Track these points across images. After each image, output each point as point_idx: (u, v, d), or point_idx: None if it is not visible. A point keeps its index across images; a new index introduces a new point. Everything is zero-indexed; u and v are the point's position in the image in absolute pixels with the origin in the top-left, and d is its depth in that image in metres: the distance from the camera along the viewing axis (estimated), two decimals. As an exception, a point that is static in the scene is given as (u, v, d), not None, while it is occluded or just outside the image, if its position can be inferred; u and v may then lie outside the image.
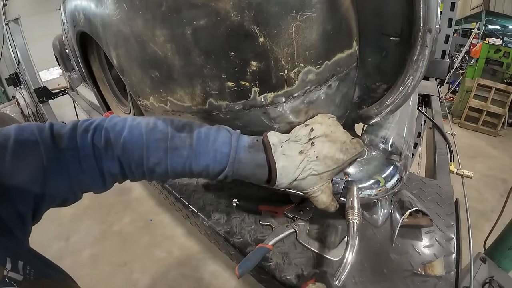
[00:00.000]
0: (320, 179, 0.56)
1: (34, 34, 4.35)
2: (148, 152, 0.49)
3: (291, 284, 0.63)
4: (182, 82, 0.59)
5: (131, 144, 0.48)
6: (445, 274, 0.61)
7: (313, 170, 0.54)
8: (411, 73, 0.60)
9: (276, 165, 0.53)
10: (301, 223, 0.76)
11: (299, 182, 0.55)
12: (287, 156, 0.54)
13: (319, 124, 0.58)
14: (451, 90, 5.43)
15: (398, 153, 0.69)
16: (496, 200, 2.84)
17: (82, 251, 2.42)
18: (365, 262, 0.66)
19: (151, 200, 2.97)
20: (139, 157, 0.49)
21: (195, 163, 0.51)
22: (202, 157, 0.51)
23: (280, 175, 0.53)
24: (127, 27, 0.59)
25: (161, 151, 0.50)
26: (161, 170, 0.51)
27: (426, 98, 1.66)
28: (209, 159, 0.51)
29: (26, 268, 0.38)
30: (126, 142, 0.48)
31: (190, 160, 0.51)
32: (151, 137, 0.50)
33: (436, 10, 0.53)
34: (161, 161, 0.50)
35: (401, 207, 0.75)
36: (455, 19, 1.71)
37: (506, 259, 1.01)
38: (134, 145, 0.49)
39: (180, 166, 0.51)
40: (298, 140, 0.56)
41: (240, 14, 0.48)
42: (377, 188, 0.65)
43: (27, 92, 4.41)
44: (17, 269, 0.37)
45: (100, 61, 1.21)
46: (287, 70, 0.54)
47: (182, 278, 2.12)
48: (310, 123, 0.59)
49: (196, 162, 0.51)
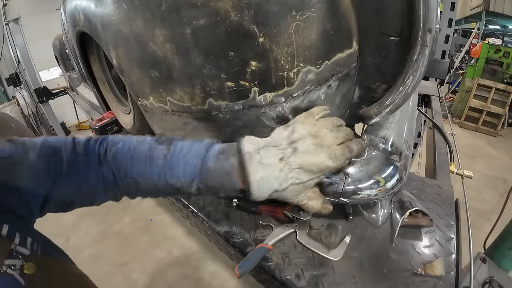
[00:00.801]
0: (305, 188, 0.50)
1: (34, 34, 4.35)
2: (132, 162, 0.50)
3: (291, 284, 0.63)
4: (181, 82, 0.59)
5: (120, 154, 0.51)
6: (445, 274, 0.61)
7: (296, 178, 0.48)
8: (411, 73, 0.60)
9: (252, 177, 0.47)
10: (301, 223, 0.76)
11: (280, 193, 0.49)
12: (264, 166, 0.47)
13: (301, 124, 0.52)
14: (451, 90, 5.43)
15: (398, 153, 0.69)
16: (496, 200, 2.84)
17: (82, 251, 2.42)
18: (365, 262, 0.66)
19: (151, 200, 2.97)
20: (126, 166, 0.50)
21: (170, 174, 0.49)
22: (175, 169, 0.49)
23: (258, 188, 0.47)
24: (126, 27, 0.59)
25: (142, 162, 0.50)
26: (143, 182, 0.51)
27: (426, 98, 1.66)
28: (180, 171, 0.49)
29: (34, 245, 0.41)
30: (117, 151, 0.51)
31: (165, 171, 0.49)
32: (138, 148, 0.51)
33: (436, 10, 0.53)
34: (142, 172, 0.50)
35: (401, 207, 0.74)
36: (455, 19, 1.70)
37: (506, 259, 1.01)
38: (123, 155, 0.50)
39: (156, 177, 0.50)
40: (278, 144, 0.49)
41: (239, 14, 0.48)
42: (377, 188, 0.65)
43: (27, 92, 4.41)
44: (25, 244, 0.40)
45: (100, 61, 1.21)
46: (287, 70, 0.54)
47: (182, 278, 2.12)
48: (291, 124, 0.53)
49: (170, 173, 0.49)
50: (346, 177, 0.64)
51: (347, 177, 0.64)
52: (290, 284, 0.63)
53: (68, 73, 2.60)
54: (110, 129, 1.30)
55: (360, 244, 0.70)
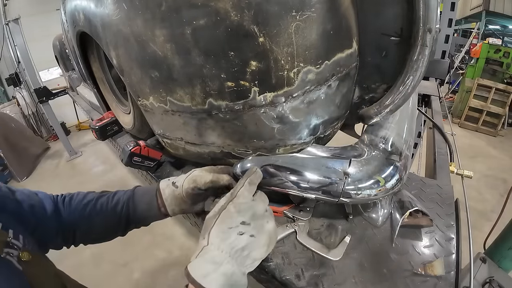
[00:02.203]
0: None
1: (34, 34, 4.35)
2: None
3: (291, 284, 0.63)
4: (181, 82, 0.59)
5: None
6: (445, 274, 0.61)
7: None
8: (411, 73, 0.60)
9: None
10: (301, 223, 0.76)
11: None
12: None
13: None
14: (451, 90, 5.43)
15: (398, 153, 0.69)
16: (496, 200, 2.84)
17: (83, 251, 2.42)
18: (365, 262, 0.66)
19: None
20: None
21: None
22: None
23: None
24: (126, 27, 0.59)
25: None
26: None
27: (426, 98, 1.66)
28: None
29: (25, 241, 0.48)
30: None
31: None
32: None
33: (436, 10, 0.53)
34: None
35: (401, 207, 0.74)
36: (455, 19, 1.70)
37: (506, 259, 1.01)
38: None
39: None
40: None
41: (239, 14, 0.48)
42: (377, 188, 0.65)
43: (27, 92, 4.41)
44: (18, 238, 0.46)
45: (100, 61, 1.21)
46: (287, 70, 0.54)
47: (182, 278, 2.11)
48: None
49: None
50: (346, 177, 0.64)
51: (347, 177, 0.64)
52: (290, 284, 0.63)
53: (68, 73, 2.60)
54: (110, 129, 1.29)
55: (360, 244, 0.70)
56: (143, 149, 0.95)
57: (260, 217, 0.51)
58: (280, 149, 0.67)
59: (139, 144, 0.94)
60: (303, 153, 0.69)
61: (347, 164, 0.65)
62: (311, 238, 0.72)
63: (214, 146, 0.70)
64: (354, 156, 0.67)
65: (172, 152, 0.88)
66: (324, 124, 0.68)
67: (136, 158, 0.94)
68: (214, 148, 0.71)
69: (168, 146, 0.85)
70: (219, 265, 0.44)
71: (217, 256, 0.45)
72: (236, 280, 0.44)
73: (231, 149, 0.70)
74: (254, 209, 0.51)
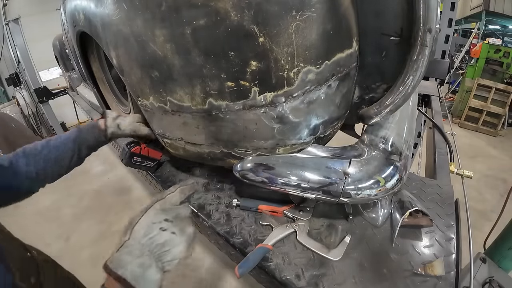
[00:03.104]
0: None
1: (34, 34, 4.34)
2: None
3: (291, 284, 0.63)
4: (181, 82, 0.59)
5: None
6: (445, 274, 0.61)
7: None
8: (411, 73, 0.60)
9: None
10: (301, 223, 0.76)
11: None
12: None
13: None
14: (451, 90, 5.43)
15: (398, 153, 0.69)
16: (496, 200, 2.84)
17: (82, 251, 2.42)
18: (365, 262, 0.66)
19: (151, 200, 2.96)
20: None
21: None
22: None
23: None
24: (127, 27, 0.59)
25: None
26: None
27: (426, 98, 1.66)
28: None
29: None
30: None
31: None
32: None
33: (436, 10, 0.53)
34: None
35: (401, 207, 0.74)
36: (455, 19, 1.71)
37: (506, 259, 1.01)
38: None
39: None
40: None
41: (239, 14, 0.48)
42: (377, 188, 0.65)
43: (27, 92, 4.41)
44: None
45: (100, 61, 1.21)
46: (287, 70, 0.54)
47: (182, 278, 2.12)
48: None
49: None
50: (346, 177, 0.64)
51: (347, 177, 0.64)
52: (290, 284, 0.63)
53: (68, 73, 2.60)
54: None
55: (360, 244, 0.70)
56: (143, 149, 0.95)
57: (183, 219, 0.53)
58: (280, 149, 0.67)
59: (139, 144, 0.94)
60: (303, 153, 0.69)
61: (347, 164, 0.65)
62: (311, 238, 0.72)
63: (214, 146, 0.70)
64: (354, 156, 0.67)
65: (172, 152, 0.88)
66: (324, 124, 0.68)
67: (136, 158, 0.94)
68: (214, 148, 0.71)
69: (168, 146, 0.86)
70: (137, 257, 0.46)
71: (137, 249, 0.48)
72: (152, 273, 0.46)
73: (231, 149, 0.70)
74: (178, 211, 0.54)
